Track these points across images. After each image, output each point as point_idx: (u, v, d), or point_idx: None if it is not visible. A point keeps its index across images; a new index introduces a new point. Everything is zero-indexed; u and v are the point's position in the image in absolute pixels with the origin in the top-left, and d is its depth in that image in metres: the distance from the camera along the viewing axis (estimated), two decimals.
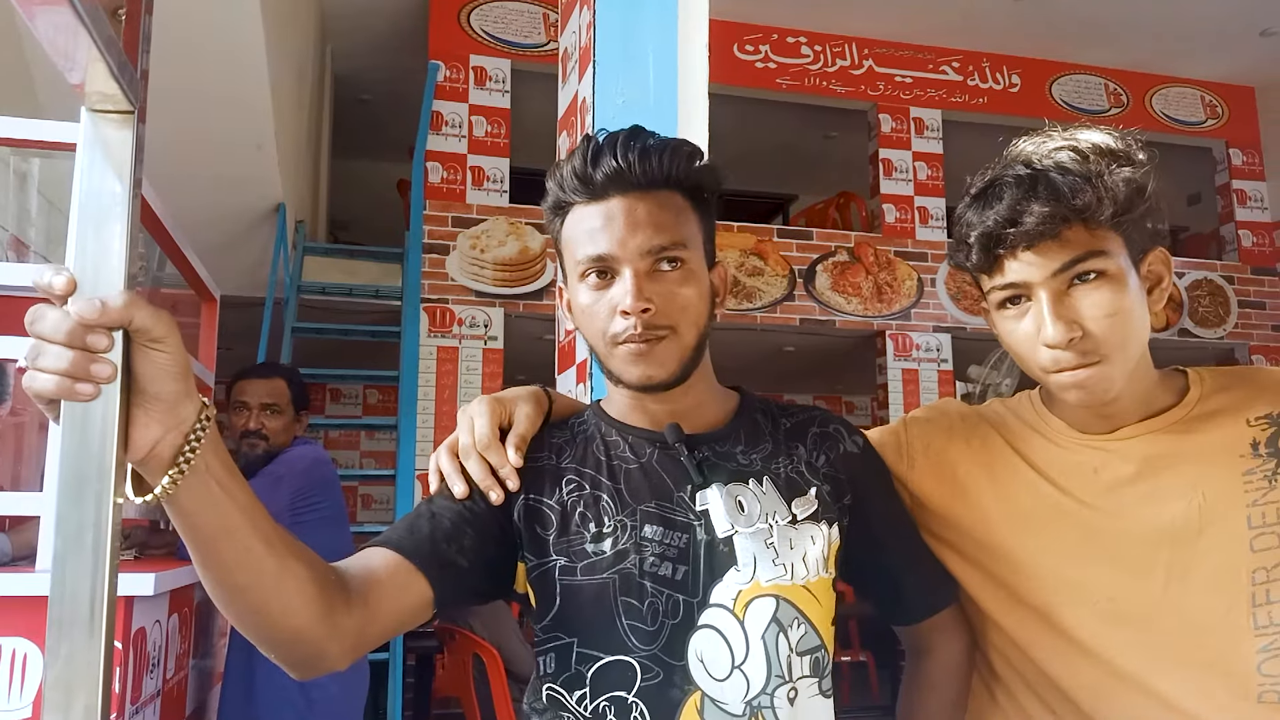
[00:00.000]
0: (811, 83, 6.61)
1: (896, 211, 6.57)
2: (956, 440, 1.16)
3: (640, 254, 0.96)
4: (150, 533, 2.58)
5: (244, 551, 0.77)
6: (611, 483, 1.00)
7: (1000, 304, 1.04)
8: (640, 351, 0.96)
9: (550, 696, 0.97)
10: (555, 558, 0.97)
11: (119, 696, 1.84)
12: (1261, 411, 1.04)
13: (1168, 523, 1.01)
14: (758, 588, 0.96)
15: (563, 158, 1.03)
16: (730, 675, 0.93)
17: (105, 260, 0.68)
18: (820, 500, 1.02)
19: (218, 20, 3.41)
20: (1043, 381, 1.05)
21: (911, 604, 1.13)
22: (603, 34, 1.68)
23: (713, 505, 0.98)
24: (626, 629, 0.94)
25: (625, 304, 0.94)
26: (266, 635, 0.83)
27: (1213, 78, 7.33)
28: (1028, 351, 1.02)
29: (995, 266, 1.02)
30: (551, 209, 1.04)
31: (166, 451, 0.70)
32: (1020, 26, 6.57)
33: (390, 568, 0.90)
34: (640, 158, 0.97)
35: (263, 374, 2.65)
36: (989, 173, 1.06)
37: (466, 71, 5.91)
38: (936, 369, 6.36)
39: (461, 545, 0.94)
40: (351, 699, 2.58)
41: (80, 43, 0.61)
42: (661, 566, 0.95)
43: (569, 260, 1.01)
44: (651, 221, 0.97)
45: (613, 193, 0.98)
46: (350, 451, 7.80)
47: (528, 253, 5.73)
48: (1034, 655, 1.08)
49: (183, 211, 2.88)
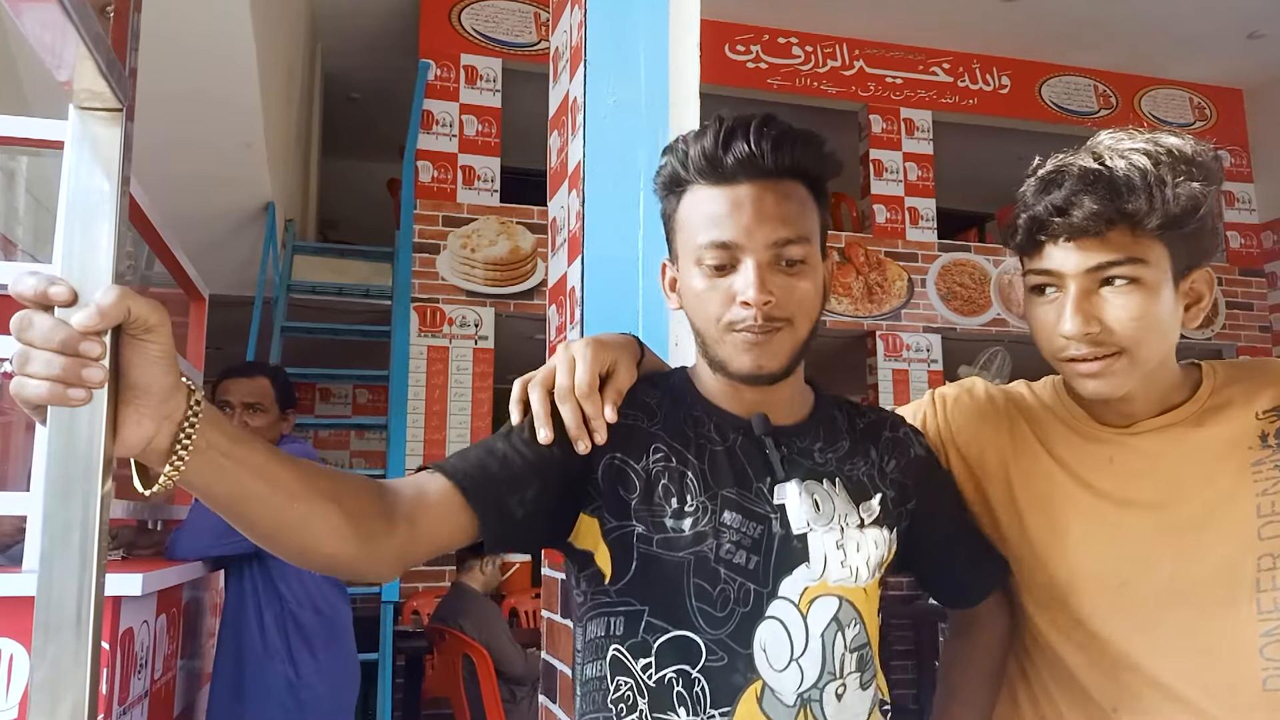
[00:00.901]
0: (802, 83, 6.62)
1: (887, 212, 6.58)
2: (986, 424, 1.19)
3: (766, 245, 0.95)
4: (138, 533, 2.57)
5: (265, 508, 0.79)
6: (698, 461, 0.99)
7: (1034, 287, 1.05)
8: (756, 341, 0.95)
9: (615, 658, 0.98)
10: (635, 524, 0.96)
11: (106, 697, 1.83)
12: (1269, 404, 1.07)
13: (1180, 511, 1.05)
14: (825, 586, 0.98)
15: (686, 134, 1.01)
16: (788, 667, 0.95)
17: (93, 259, 0.67)
18: (883, 507, 1.04)
19: (206, 17, 3.39)
20: (1057, 369, 1.08)
21: (972, 589, 1.17)
22: (594, 33, 1.68)
23: (790, 501, 0.98)
24: (696, 610, 0.95)
25: (748, 295, 0.94)
26: (303, 562, 0.86)
27: (1201, 80, 7.37)
28: (1045, 337, 1.05)
29: (1036, 251, 1.04)
30: (667, 185, 1.02)
31: (163, 444, 0.71)
32: (1010, 28, 6.59)
33: (445, 498, 0.91)
34: (774, 146, 0.95)
35: (246, 373, 2.63)
36: (1061, 156, 1.06)
37: (457, 70, 5.90)
38: (926, 369, 6.38)
39: (524, 496, 0.94)
40: (341, 699, 2.57)
41: (68, 40, 0.60)
42: (736, 554, 0.96)
43: (684, 241, 1.00)
44: (779, 213, 0.96)
45: (742, 178, 0.96)
46: (340, 451, 7.77)
47: (519, 252, 5.72)
48: (1047, 637, 1.11)
49: (171, 210, 2.87)
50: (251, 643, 2.42)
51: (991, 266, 6.61)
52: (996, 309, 6.55)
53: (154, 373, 0.68)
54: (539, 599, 4.50)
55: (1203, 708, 1.01)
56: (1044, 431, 1.15)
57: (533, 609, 5.37)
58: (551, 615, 1.81)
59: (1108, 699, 1.06)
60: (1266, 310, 7.21)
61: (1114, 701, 1.05)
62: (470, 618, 3.85)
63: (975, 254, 6.68)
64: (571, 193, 1.73)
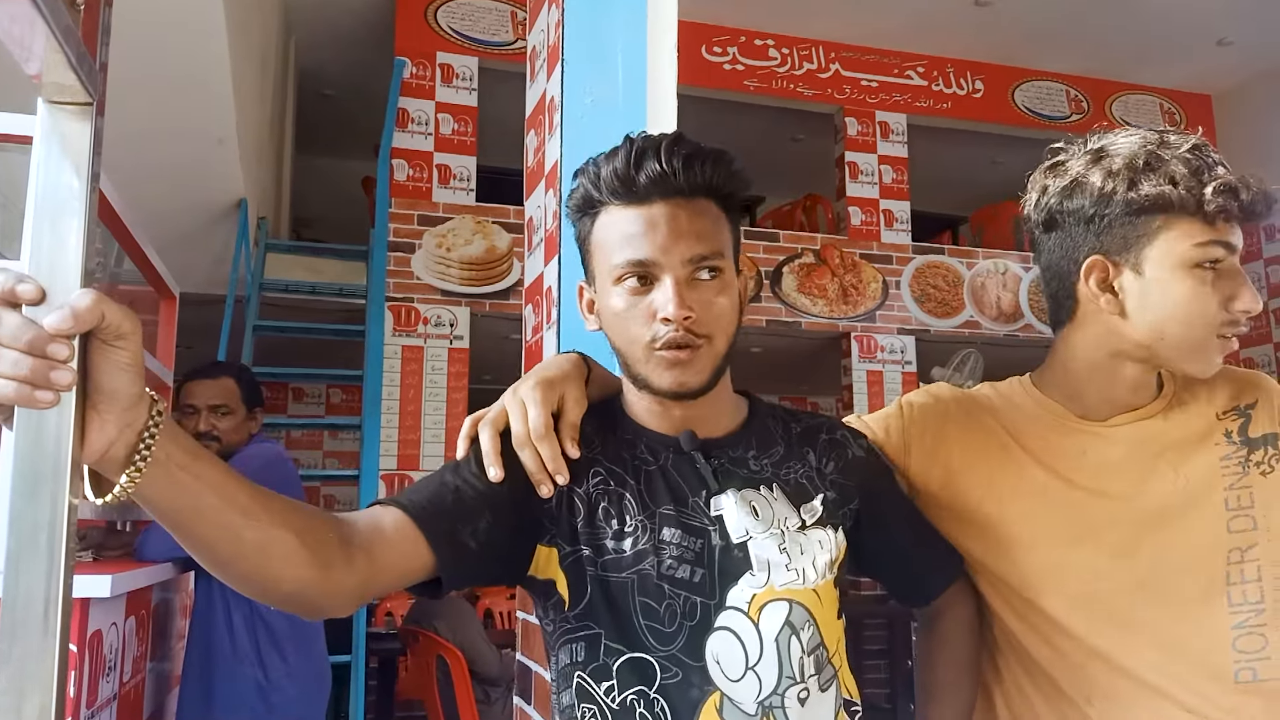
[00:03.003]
0: (779, 85, 6.65)
1: (862, 214, 6.63)
2: (951, 424, 1.19)
3: (683, 262, 0.96)
4: (107, 534, 2.54)
5: (221, 528, 0.77)
6: (634, 482, 1.00)
7: (1197, 263, 1.03)
8: (678, 359, 0.96)
9: (580, 685, 0.98)
10: (583, 548, 0.98)
11: (74, 700, 1.80)
12: (1227, 405, 1.11)
13: (1152, 503, 1.07)
14: (772, 591, 0.98)
15: (596, 156, 1.02)
16: (744, 676, 0.95)
17: (62, 256, 0.66)
18: (825, 507, 1.04)
19: (177, 8, 3.34)
20: (1196, 346, 1.06)
21: (927, 585, 1.18)
22: (571, 33, 1.68)
23: (727, 511, 0.99)
24: (644, 629, 0.96)
25: (668, 311, 0.94)
26: (263, 596, 0.84)
27: (1171, 85, 7.48)
28: (1213, 312, 1.04)
29: (1220, 221, 1.03)
30: (580, 208, 1.03)
31: (121, 451, 0.70)
32: (983, 33, 6.65)
33: (401, 531, 0.91)
34: (685, 164, 0.97)
35: (210, 374, 2.58)
36: (1154, 140, 1.08)
37: (433, 69, 5.87)
38: (901, 370, 6.42)
39: (476, 528, 0.94)
40: (312, 702, 2.55)
41: (37, 32, 0.59)
42: (679, 569, 0.97)
43: (600, 262, 1.00)
44: (693, 230, 0.97)
45: (655, 198, 0.97)
46: (313, 452, 7.71)
47: (495, 252, 5.70)
48: (1017, 633, 1.12)
49: (142, 206, 2.83)
50: (221, 645, 2.40)
51: (965, 269, 6.67)
52: (970, 311, 6.60)
53: (122, 379, 0.67)
54: (514, 600, 4.48)
55: (1175, 698, 1.03)
56: (1015, 427, 1.16)
57: (507, 610, 5.35)
58: (526, 616, 1.80)
59: (1080, 691, 1.07)
60: None
61: (1087, 693, 1.07)
62: (444, 619, 3.84)
63: (949, 256, 6.73)
64: (548, 192, 1.73)
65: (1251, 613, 1.04)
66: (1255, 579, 1.04)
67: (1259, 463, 1.07)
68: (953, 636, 1.20)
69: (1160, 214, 1.03)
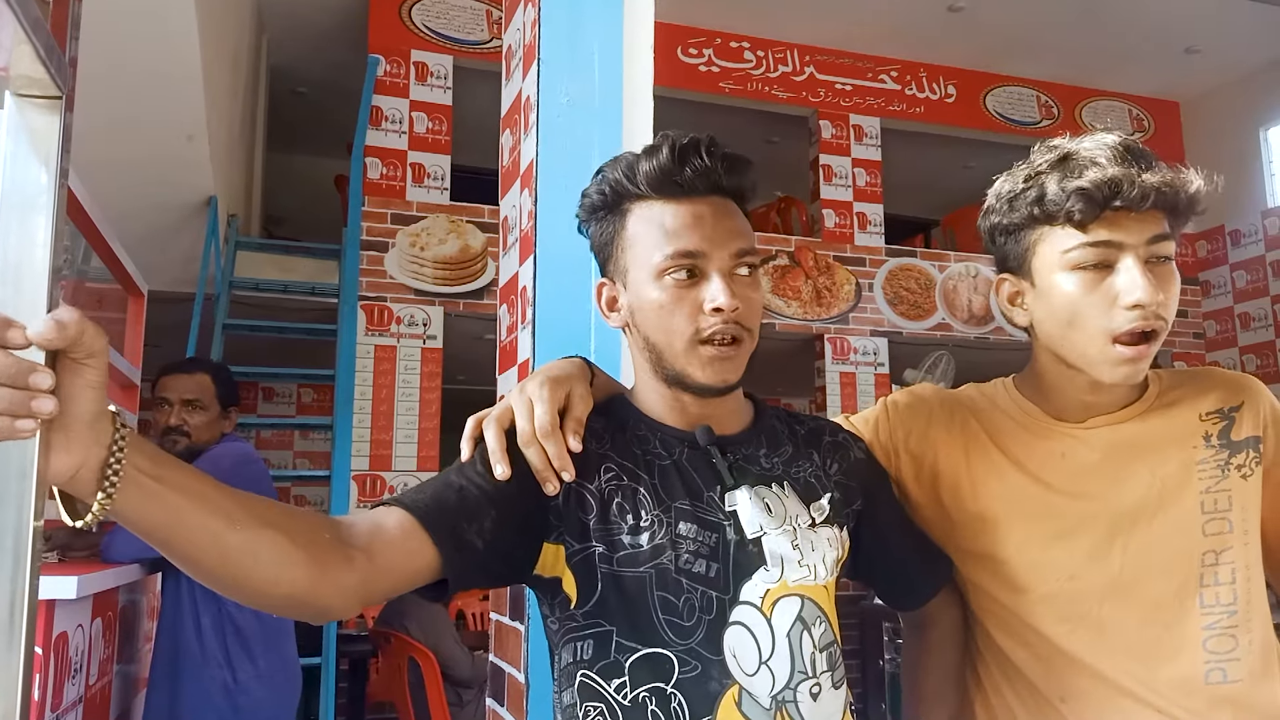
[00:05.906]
0: (754, 88, 6.67)
1: (836, 217, 6.66)
2: (936, 427, 1.20)
3: (730, 255, 0.98)
4: (73, 534, 2.49)
5: (203, 534, 0.76)
6: (648, 477, 1.00)
7: (1076, 265, 1.05)
8: (722, 355, 0.98)
9: (585, 684, 0.98)
10: (595, 545, 0.97)
11: (39, 703, 1.77)
12: (1212, 407, 1.11)
13: (1128, 505, 1.08)
14: (785, 587, 0.99)
15: (621, 156, 1.03)
16: (758, 671, 0.96)
17: (29, 252, 0.65)
18: (831, 506, 1.06)
19: (148, 1, 3.29)
20: (1093, 352, 1.05)
21: (918, 588, 1.19)
22: (547, 32, 1.67)
23: (741, 507, 1.00)
24: (663, 624, 0.96)
25: (720, 301, 0.96)
26: (261, 601, 0.82)
27: (1140, 92, 7.58)
28: (1099, 313, 1.03)
29: (1091, 222, 1.03)
30: (606, 205, 1.03)
31: (91, 472, 0.69)
32: (956, 39, 6.72)
33: (405, 531, 0.90)
34: (725, 163, 1.00)
35: (186, 369, 2.56)
36: (1043, 154, 1.09)
37: (407, 67, 5.83)
38: (873, 372, 6.47)
39: (481, 526, 0.93)
40: (281, 705, 2.52)
41: (5, 24, 0.59)
42: (696, 563, 0.97)
43: (637, 256, 1.01)
44: (735, 226, 1.00)
45: (699, 192, 0.99)
46: (284, 452, 7.64)
47: (469, 251, 5.68)
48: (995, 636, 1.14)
49: (110, 203, 2.80)
50: (188, 647, 2.37)
51: (937, 272, 6.72)
52: (942, 314, 6.66)
53: (88, 397, 0.67)
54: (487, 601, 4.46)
55: (1144, 699, 1.04)
56: (996, 430, 1.17)
57: (480, 611, 5.33)
58: (500, 618, 1.79)
59: (1054, 690, 1.08)
60: (1200, 317, 7.44)
61: (1060, 692, 1.08)
62: (416, 620, 3.81)
63: (921, 259, 6.79)
64: (524, 192, 1.72)
65: (1224, 614, 1.05)
66: (1229, 581, 1.06)
67: (1240, 466, 1.08)
68: (939, 644, 1.22)
69: (1035, 227, 1.08)
